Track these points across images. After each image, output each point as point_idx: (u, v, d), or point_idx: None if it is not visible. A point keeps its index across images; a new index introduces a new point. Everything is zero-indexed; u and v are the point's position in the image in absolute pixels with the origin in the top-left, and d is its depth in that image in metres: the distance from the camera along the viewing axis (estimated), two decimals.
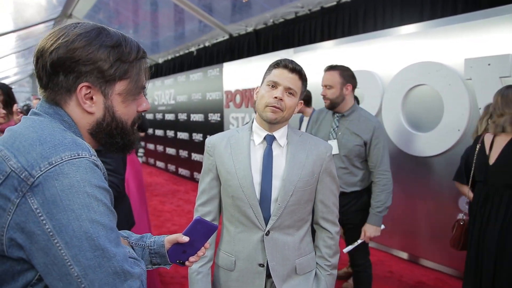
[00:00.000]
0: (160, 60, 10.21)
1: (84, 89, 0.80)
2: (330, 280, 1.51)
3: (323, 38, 5.15)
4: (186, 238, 1.03)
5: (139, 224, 2.76)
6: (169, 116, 8.73)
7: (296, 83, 1.39)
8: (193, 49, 8.52)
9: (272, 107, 1.36)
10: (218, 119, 6.70)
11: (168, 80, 8.68)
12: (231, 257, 1.46)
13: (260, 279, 1.42)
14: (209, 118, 7.01)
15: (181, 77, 8.03)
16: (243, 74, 5.97)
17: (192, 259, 1.08)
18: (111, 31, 0.83)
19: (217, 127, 6.65)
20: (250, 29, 6.63)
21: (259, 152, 1.43)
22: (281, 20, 5.98)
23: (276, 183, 1.40)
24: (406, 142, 3.65)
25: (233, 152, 1.43)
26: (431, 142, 3.45)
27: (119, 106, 0.85)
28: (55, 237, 0.68)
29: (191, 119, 7.71)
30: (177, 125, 8.35)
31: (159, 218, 5.15)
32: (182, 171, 8.11)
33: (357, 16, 4.78)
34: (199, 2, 6.38)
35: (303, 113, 3.93)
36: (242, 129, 1.49)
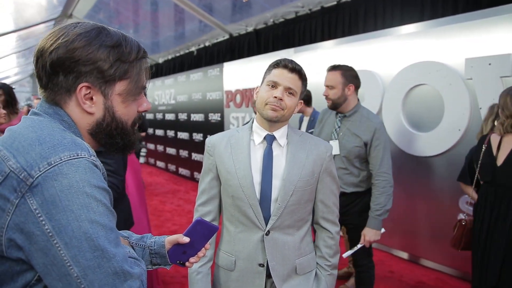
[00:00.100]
0: (160, 60, 10.21)
1: (84, 89, 0.80)
2: (330, 280, 1.51)
3: (323, 38, 5.15)
4: (186, 239, 1.03)
5: (138, 224, 2.76)
6: (170, 116, 8.73)
7: (296, 83, 1.38)
8: (193, 49, 8.51)
9: (273, 105, 1.36)
10: (219, 119, 6.69)
11: (169, 80, 8.68)
12: (231, 257, 1.46)
13: (260, 279, 1.42)
14: (210, 118, 7.01)
15: (181, 77, 8.03)
16: (243, 74, 5.97)
17: (192, 259, 1.07)
18: (111, 31, 0.83)
19: (217, 127, 6.65)
20: (250, 29, 6.62)
21: (259, 151, 1.43)
22: (282, 19, 5.98)
23: (276, 183, 1.40)
24: (406, 142, 3.65)
25: (233, 152, 1.43)
26: (431, 142, 3.45)
27: (119, 106, 0.85)
28: (54, 237, 0.68)
29: (191, 119, 7.71)
30: (177, 125, 8.35)
31: (160, 218, 5.15)
32: (182, 171, 8.11)
33: (358, 16, 4.78)
34: (199, 2, 6.37)
35: (303, 113, 3.93)
36: (242, 129, 1.49)
